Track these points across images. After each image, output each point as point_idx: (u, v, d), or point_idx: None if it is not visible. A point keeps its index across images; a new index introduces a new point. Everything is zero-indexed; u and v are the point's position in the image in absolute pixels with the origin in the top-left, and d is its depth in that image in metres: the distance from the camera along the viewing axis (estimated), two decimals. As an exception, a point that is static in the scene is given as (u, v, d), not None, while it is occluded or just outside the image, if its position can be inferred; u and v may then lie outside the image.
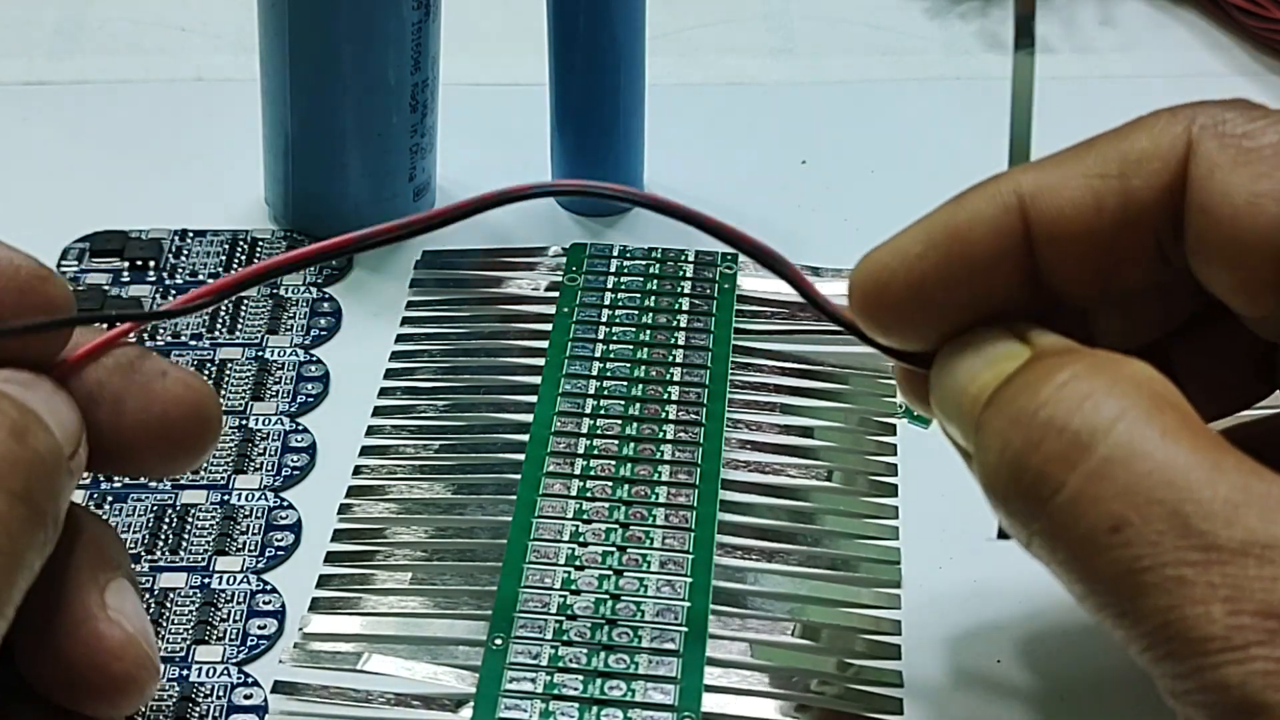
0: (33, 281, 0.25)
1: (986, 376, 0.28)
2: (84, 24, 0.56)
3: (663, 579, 0.36)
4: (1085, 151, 0.31)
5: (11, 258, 0.25)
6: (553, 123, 0.47)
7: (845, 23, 0.57)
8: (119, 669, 0.24)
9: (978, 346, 0.29)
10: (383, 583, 0.37)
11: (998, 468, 0.27)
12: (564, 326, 0.43)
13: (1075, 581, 0.26)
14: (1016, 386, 0.27)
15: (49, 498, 0.23)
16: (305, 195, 0.46)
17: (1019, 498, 0.27)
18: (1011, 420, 0.27)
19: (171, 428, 0.26)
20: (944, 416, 0.30)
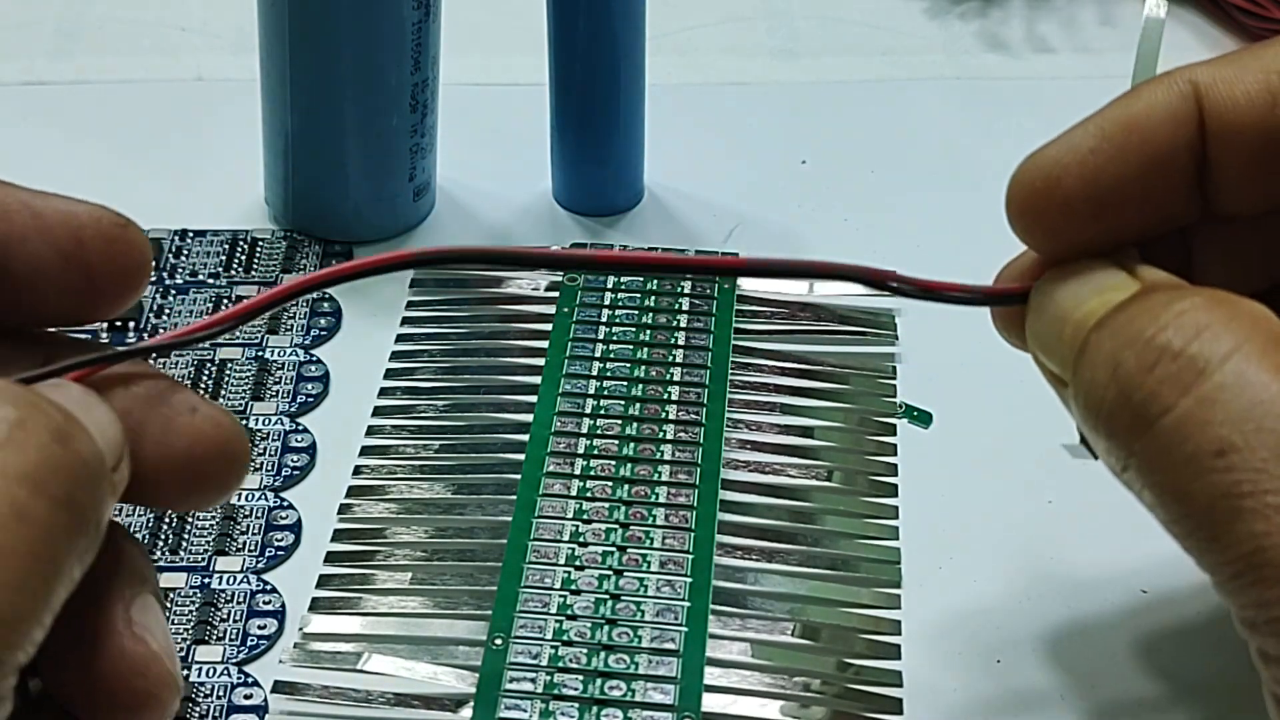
0: (114, 229, 0.26)
1: (1094, 304, 0.28)
2: (84, 24, 0.56)
3: (663, 579, 0.36)
4: (1264, 48, 0.30)
5: (93, 209, 0.26)
6: (553, 123, 0.47)
7: (845, 23, 0.57)
8: (141, 686, 0.24)
9: (1084, 275, 0.29)
10: (383, 583, 0.37)
11: (1106, 386, 0.27)
12: (564, 326, 0.43)
13: (1169, 504, 0.27)
14: (1132, 312, 0.28)
15: (92, 505, 0.22)
16: (305, 195, 0.46)
17: (1126, 417, 0.27)
18: (1126, 341, 0.27)
19: (196, 465, 0.25)
20: (1042, 343, 0.30)
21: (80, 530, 0.22)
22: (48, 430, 0.22)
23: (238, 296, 0.44)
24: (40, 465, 0.21)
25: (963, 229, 0.48)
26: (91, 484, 0.22)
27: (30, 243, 0.25)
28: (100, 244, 0.26)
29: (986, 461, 0.41)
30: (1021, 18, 0.57)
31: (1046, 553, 0.38)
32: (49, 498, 0.21)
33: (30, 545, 0.21)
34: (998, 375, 0.43)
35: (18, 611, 0.21)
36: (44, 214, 0.26)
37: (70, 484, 0.22)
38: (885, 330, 0.43)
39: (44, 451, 0.21)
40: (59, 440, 0.22)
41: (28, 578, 0.21)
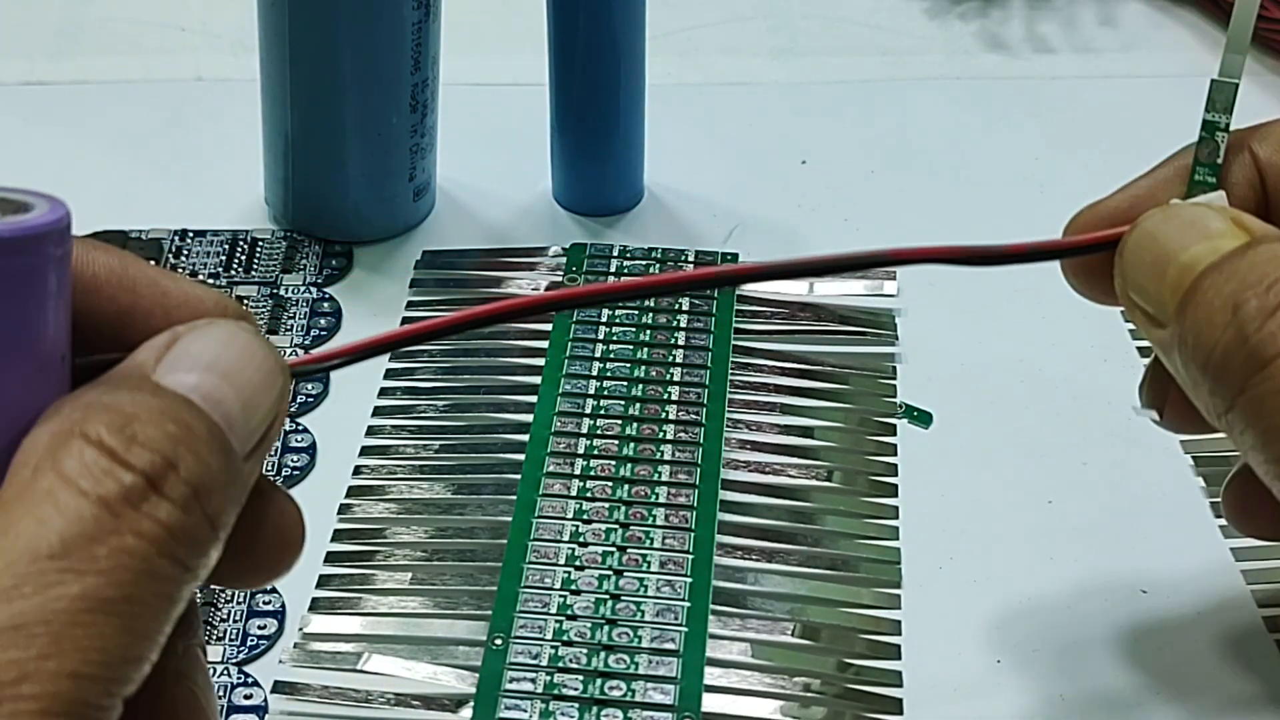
0: (233, 315, 0.26)
1: (1200, 249, 0.29)
2: (84, 24, 0.56)
3: (663, 579, 0.36)
4: None
5: (217, 297, 0.26)
6: (553, 123, 0.47)
7: (845, 23, 0.57)
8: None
9: (1189, 221, 0.29)
10: (383, 583, 0.37)
11: (1224, 327, 0.28)
12: (564, 326, 0.43)
13: (1273, 444, 0.27)
14: (1254, 258, 0.28)
15: (205, 559, 0.23)
16: (305, 195, 0.46)
17: (1241, 356, 0.27)
18: (1247, 285, 0.28)
19: (266, 552, 0.26)
20: (1139, 283, 0.30)
21: (193, 579, 0.23)
22: (179, 495, 0.23)
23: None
24: (169, 530, 0.23)
25: (963, 228, 0.48)
26: (208, 543, 0.23)
27: (154, 320, 0.26)
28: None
29: (986, 461, 0.41)
30: (1021, 18, 0.57)
31: (1046, 553, 0.38)
32: (172, 558, 0.23)
33: (155, 598, 0.22)
34: (998, 375, 0.43)
35: (138, 652, 0.22)
36: (171, 294, 0.26)
37: (191, 548, 0.23)
38: (885, 330, 0.43)
39: (173, 518, 0.23)
40: (186, 509, 0.23)
41: (147, 622, 0.22)
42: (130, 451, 0.22)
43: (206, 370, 0.24)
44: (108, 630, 0.21)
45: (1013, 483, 0.40)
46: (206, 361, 0.24)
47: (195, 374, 0.24)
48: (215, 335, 0.25)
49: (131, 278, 0.26)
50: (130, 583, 0.22)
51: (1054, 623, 0.37)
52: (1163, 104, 0.40)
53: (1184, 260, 0.29)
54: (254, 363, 0.25)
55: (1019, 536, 0.39)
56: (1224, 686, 0.35)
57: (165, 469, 0.23)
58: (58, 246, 0.23)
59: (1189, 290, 0.28)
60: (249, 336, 0.25)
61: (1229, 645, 0.36)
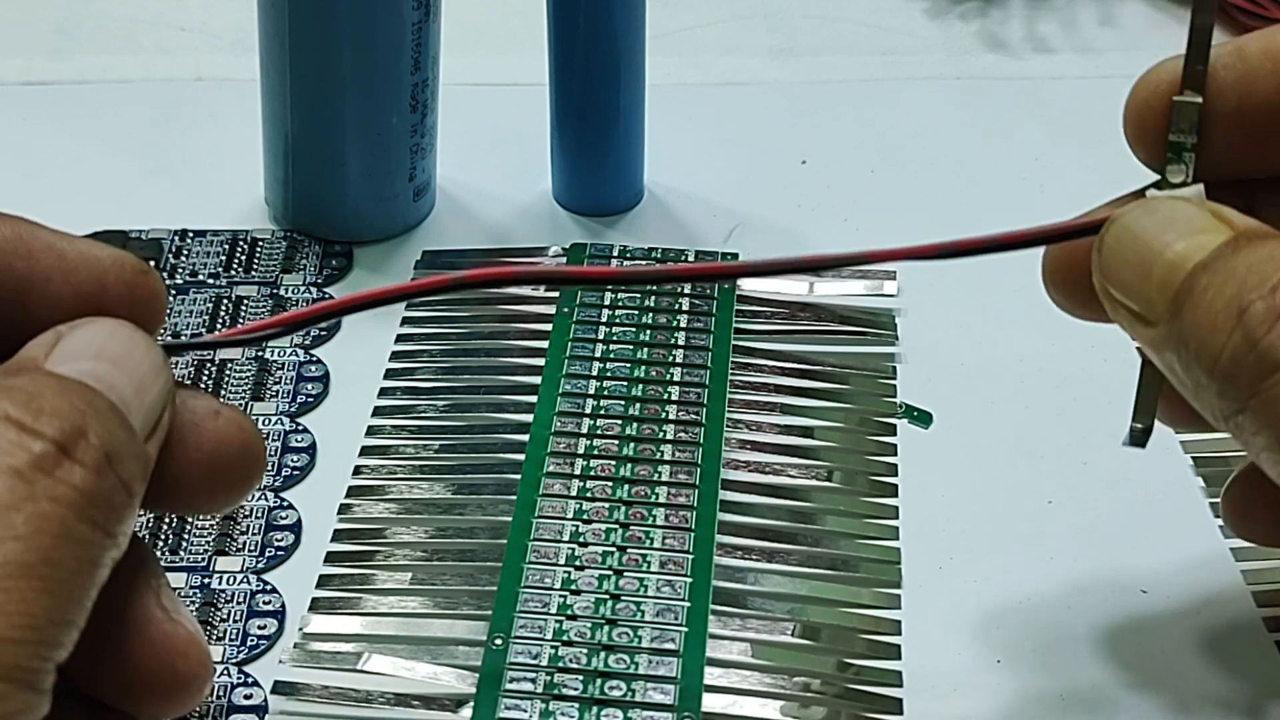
0: (136, 275, 0.27)
1: (1185, 246, 0.28)
2: (84, 24, 0.56)
3: (663, 579, 0.36)
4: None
5: (115, 254, 0.27)
6: (553, 123, 0.47)
7: (845, 23, 0.57)
8: (184, 667, 0.25)
9: (1168, 217, 0.29)
10: (383, 583, 0.37)
11: (1229, 332, 0.27)
12: (564, 326, 0.43)
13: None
14: (1251, 258, 0.28)
15: (123, 521, 0.24)
16: (305, 195, 0.46)
17: (1250, 361, 0.27)
18: (1250, 287, 0.27)
19: (220, 468, 0.26)
20: (1122, 280, 0.29)
21: (115, 543, 0.24)
22: (91, 459, 0.23)
23: (238, 297, 0.44)
24: (84, 494, 0.23)
25: (963, 228, 0.48)
26: (124, 506, 0.24)
27: (53, 284, 0.26)
28: (121, 289, 0.27)
29: (986, 461, 0.41)
30: (1021, 18, 0.57)
31: (1046, 553, 0.38)
32: (90, 522, 0.23)
33: (74, 560, 0.23)
34: (998, 375, 0.43)
35: (64, 616, 0.22)
36: (68, 256, 0.26)
37: (108, 510, 0.23)
38: (885, 330, 0.43)
39: (87, 482, 0.23)
40: (99, 472, 0.23)
41: (71, 585, 0.23)
42: (39, 421, 0.23)
43: (95, 358, 0.25)
44: (30, 594, 0.22)
45: (1013, 483, 0.40)
46: (94, 351, 0.25)
47: (85, 361, 0.25)
48: (98, 329, 0.25)
49: (26, 243, 0.26)
50: (50, 547, 0.22)
51: (1054, 623, 0.37)
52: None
53: (1170, 258, 0.28)
54: (138, 352, 0.25)
55: (1019, 536, 0.39)
56: (1223, 686, 0.35)
57: (75, 436, 0.23)
58: None
59: (1181, 290, 0.28)
60: (129, 330, 0.26)
61: (1229, 645, 0.36)
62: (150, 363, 0.25)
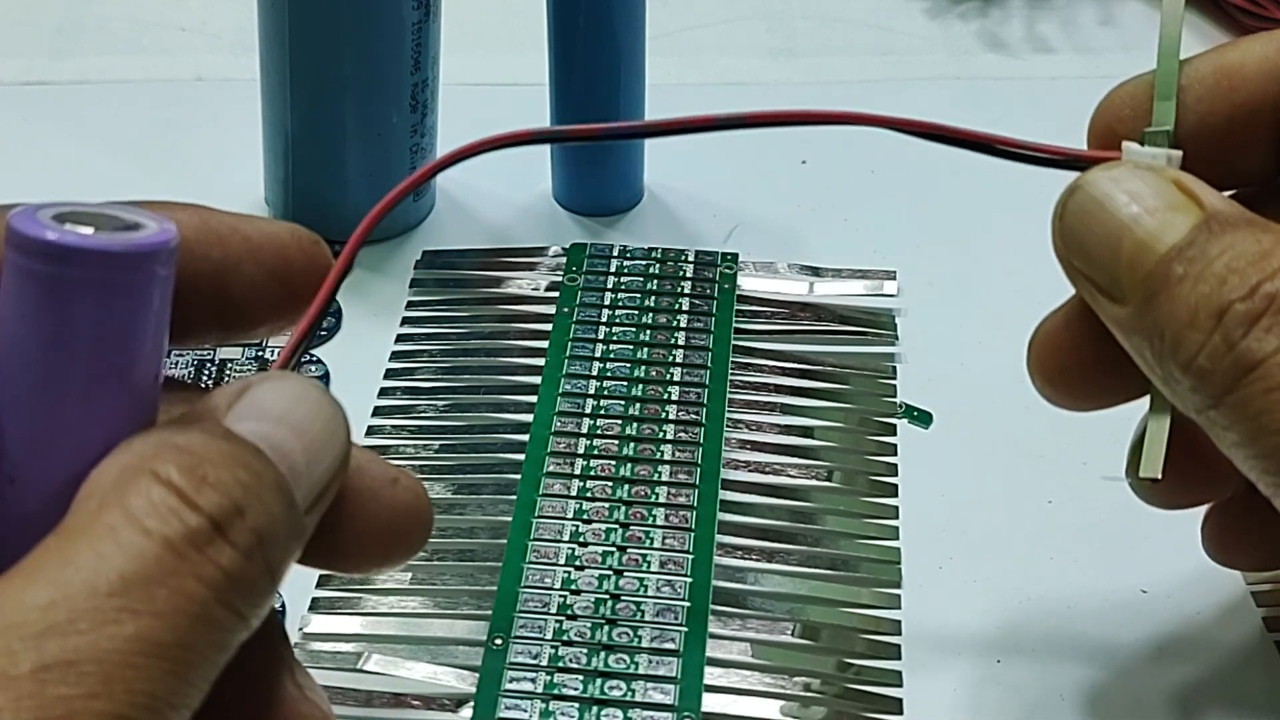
0: (311, 246, 0.27)
1: (1154, 225, 0.28)
2: (84, 24, 0.56)
3: (663, 579, 0.36)
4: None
5: (290, 228, 0.27)
6: (553, 123, 0.47)
7: (845, 23, 0.57)
8: None
9: (1136, 189, 0.29)
10: (383, 583, 0.37)
11: (1207, 331, 0.27)
12: (564, 326, 0.43)
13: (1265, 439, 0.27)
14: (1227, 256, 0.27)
15: (260, 608, 0.23)
16: (305, 195, 0.46)
17: (1227, 362, 0.27)
18: (1230, 288, 0.27)
19: (395, 536, 0.26)
20: (1087, 251, 0.29)
21: (247, 626, 0.23)
22: (243, 543, 0.22)
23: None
24: (230, 577, 0.22)
25: (963, 228, 0.48)
26: (265, 594, 0.23)
27: (245, 266, 0.26)
28: (302, 261, 0.27)
29: (986, 461, 0.41)
30: (1021, 18, 0.57)
31: (1046, 553, 0.38)
32: (228, 606, 0.22)
33: (206, 644, 0.22)
34: (998, 375, 0.43)
35: (184, 699, 0.22)
36: (252, 237, 0.27)
37: (249, 597, 0.23)
38: (885, 330, 0.44)
39: (235, 565, 0.22)
40: (248, 556, 0.22)
41: (197, 669, 0.22)
42: (200, 493, 0.22)
43: (277, 422, 0.24)
44: (157, 674, 0.21)
45: (1013, 483, 0.40)
46: (277, 414, 0.24)
47: (266, 424, 0.24)
48: (286, 389, 0.25)
49: (214, 230, 0.26)
50: (186, 628, 0.21)
51: (1054, 623, 0.37)
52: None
53: (1140, 235, 0.28)
54: (321, 418, 0.25)
55: (1019, 536, 0.39)
56: (1223, 686, 0.35)
57: (233, 514, 0.22)
58: (164, 267, 0.23)
59: (1154, 277, 0.28)
60: (319, 392, 0.25)
61: (1228, 645, 0.36)
62: (331, 430, 0.25)
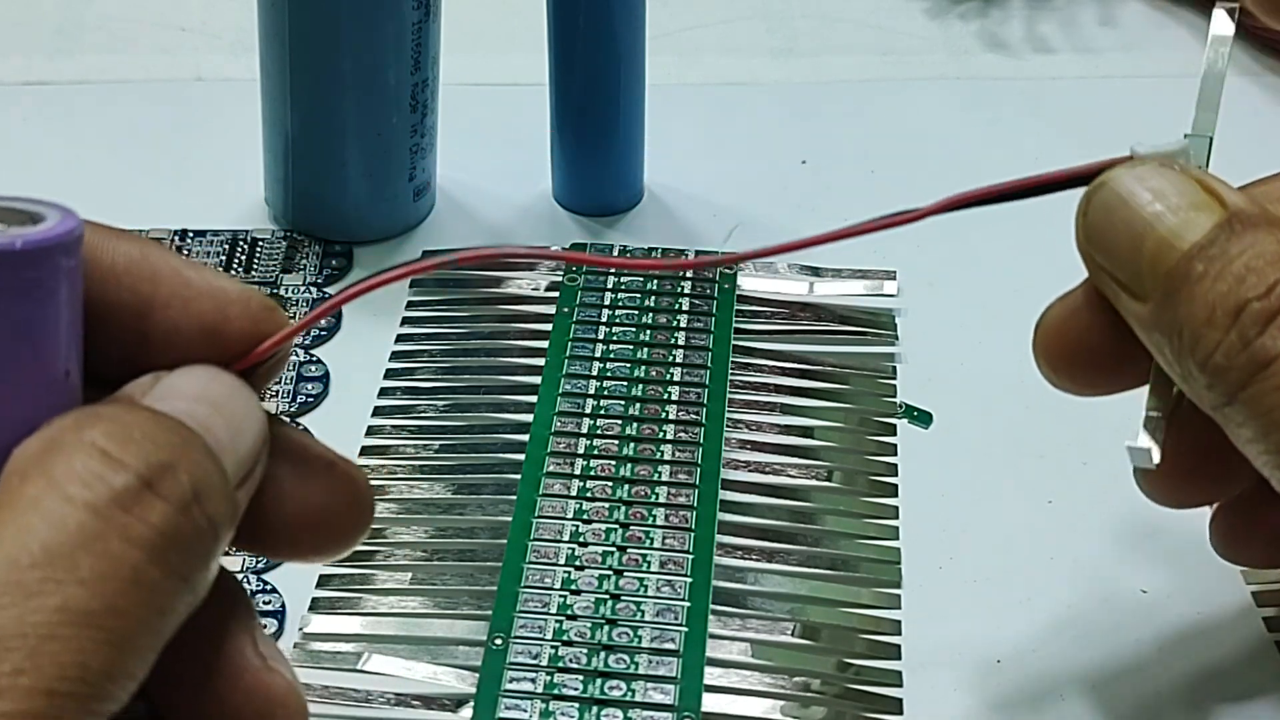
0: (262, 312, 0.25)
1: (1177, 223, 0.28)
2: (84, 24, 0.56)
3: (663, 579, 0.36)
4: None
5: (243, 289, 0.26)
6: (553, 123, 0.47)
7: (845, 23, 0.57)
8: (283, 716, 0.25)
9: (1159, 187, 0.29)
10: (383, 583, 0.37)
11: (1224, 330, 0.27)
12: (564, 326, 0.43)
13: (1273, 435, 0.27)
14: (1247, 255, 0.28)
15: (202, 568, 0.23)
16: (305, 195, 0.46)
17: (1243, 359, 0.27)
18: (1248, 287, 0.27)
19: (331, 520, 0.26)
20: (1110, 248, 0.30)
21: (190, 590, 0.22)
22: (177, 497, 0.22)
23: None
24: (162, 534, 0.22)
25: (963, 228, 0.48)
26: (208, 552, 0.23)
27: (173, 310, 0.25)
28: (245, 324, 0.25)
29: (986, 461, 0.41)
30: (1021, 18, 0.57)
31: (1046, 553, 0.38)
32: (164, 566, 0.22)
33: (142, 608, 0.21)
34: (998, 375, 0.43)
35: (123, 669, 0.21)
36: (193, 284, 0.25)
37: (186, 555, 0.22)
38: (885, 330, 0.43)
39: (167, 520, 0.22)
40: (183, 510, 0.22)
41: (134, 636, 0.21)
42: (127, 452, 0.22)
43: (195, 400, 0.24)
44: (88, 645, 0.21)
45: (1013, 483, 0.40)
46: (193, 394, 0.24)
47: (184, 402, 0.24)
48: (199, 373, 0.24)
49: (153, 266, 0.25)
50: (115, 593, 0.21)
51: (1054, 623, 0.37)
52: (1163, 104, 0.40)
53: (1162, 233, 0.28)
54: (238, 397, 0.24)
55: (1019, 536, 0.39)
56: (1223, 686, 0.35)
57: (163, 470, 0.22)
58: (68, 258, 0.22)
59: (1175, 274, 0.28)
60: (231, 377, 0.25)
61: (1228, 645, 0.36)
62: (249, 411, 0.24)
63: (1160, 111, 0.32)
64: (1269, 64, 0.54)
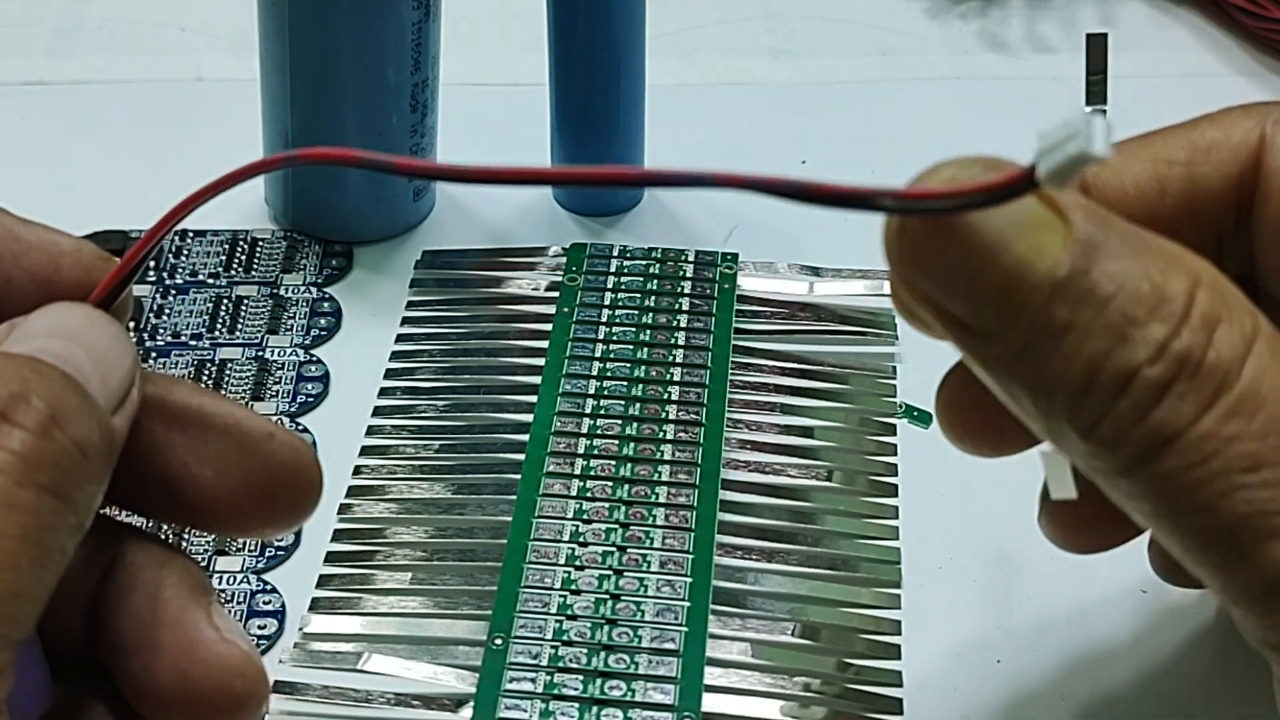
0: (95, 261, 0.26)
1: (1024, 249, 0.24)
2: (84, 24, 0.56)
3: (663, 579, 0.36)
4: (1152, 139, 0.30)
5: (75, 241, 0.26)
6: (553, 123, 0.47)
7: (845, 23, 0.57)
8: (241, 687, 0.25)
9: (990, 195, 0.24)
10: (383, 583, 0.37)
11: (1112, 399, 0.24)
12: (564, 326, 0.43)
13: (1186, 518, 0.25)
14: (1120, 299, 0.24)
15: (78, 485, 0.23)
16: (305, 195, 0.46)
17: (1142, 434, 0.24)
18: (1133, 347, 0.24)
19: (275, 494, 0.26)
20: (936, 274, 0.25)
21: (69, 510, 0.23)
22: (34, 422, 0.22)
23: (238, 297, 0.44)
24: (25, 458, 0.22)
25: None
26: (77, 468, 0.23)
27: (3, 263, 0.26)
28: (77, 272, 0.26)
29: (986, 461, 0.41)
30: (1021, 18, 0.57)
31: (1046, 553, 0.38)
32: (35, 486, 0.22)
33: (21, 529, 0.22)
34: (998, 375, 0.43)
35: (13, 589, 0.22)
36: (23, 239, 0.26)
37: (55, 472, 0.23)
38: (885, 330, 0.43)
39: (27, 445, 0.22)
40: (43, 433, 0.22)
41: (19, 558, 0.22)
42: None
43: (48, 336, 0.24)
44: None
45: (1013, 483, 0.40)
46: (47, 330, 0.24)
47: (38, 340, 0.24)
48: (53, 311, 0.25)
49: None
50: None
51: (1054, 623, 0.37)
52: (1163, 104, 0.40)
53: (1006, 266, 0.24)
54: (97, 328, 0.25)
55: (1019, 536, 0.39)
56: (1224, 687, 0.35)
57: (15, 400, 0.22)
58: None
59: (1032, 324, 0.24)
60: (86, 309, 0.25)
61: (1228, 645, 0.36)
62: (110, 337, 0.25)
63: (1160, 111, 0.32)
64: (1269, 64, 0.54)
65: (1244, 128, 0.29)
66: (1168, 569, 0.34)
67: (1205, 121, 0.30)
